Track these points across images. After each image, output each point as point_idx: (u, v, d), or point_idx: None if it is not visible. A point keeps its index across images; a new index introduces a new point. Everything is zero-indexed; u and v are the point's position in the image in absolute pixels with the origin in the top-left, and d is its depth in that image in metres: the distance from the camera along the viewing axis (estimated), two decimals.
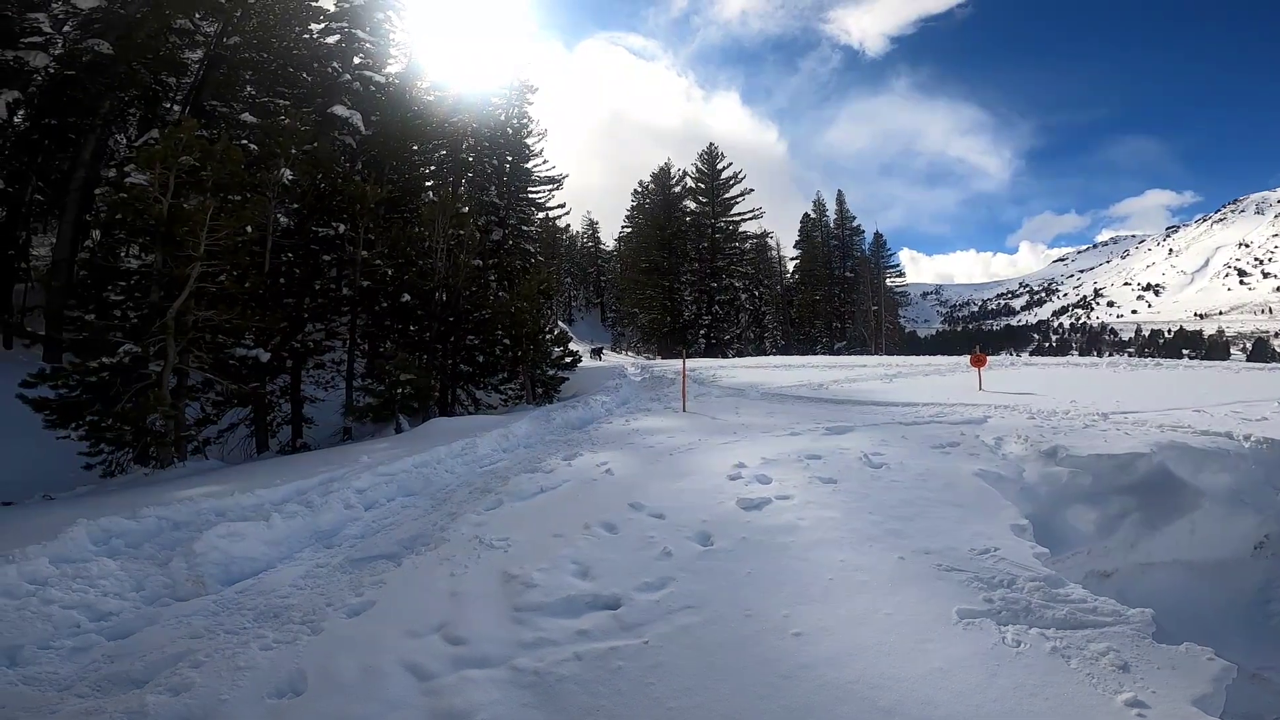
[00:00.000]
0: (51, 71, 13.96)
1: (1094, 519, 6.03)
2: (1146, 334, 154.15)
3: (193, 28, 16.15)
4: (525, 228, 28.48)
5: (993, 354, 19.06)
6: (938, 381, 14.21)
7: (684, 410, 11.64)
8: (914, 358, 22.44)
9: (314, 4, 18.83)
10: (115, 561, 4.63)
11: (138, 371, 9.32)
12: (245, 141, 12.52)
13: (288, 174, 12.79)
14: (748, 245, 46.21)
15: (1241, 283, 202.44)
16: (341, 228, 13.72)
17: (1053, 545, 5.03)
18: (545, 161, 30.69)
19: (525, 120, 29.67)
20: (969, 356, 14.44)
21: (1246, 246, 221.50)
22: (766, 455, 6.69)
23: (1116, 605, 3.55)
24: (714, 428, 9.33)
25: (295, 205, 13.50)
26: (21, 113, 14.03)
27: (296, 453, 12.24)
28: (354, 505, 6.24)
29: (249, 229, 10.88)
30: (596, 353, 33.54)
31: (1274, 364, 19.03)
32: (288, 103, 16.82)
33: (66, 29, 14.36)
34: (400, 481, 7.06)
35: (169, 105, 17.23)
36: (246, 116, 15.24)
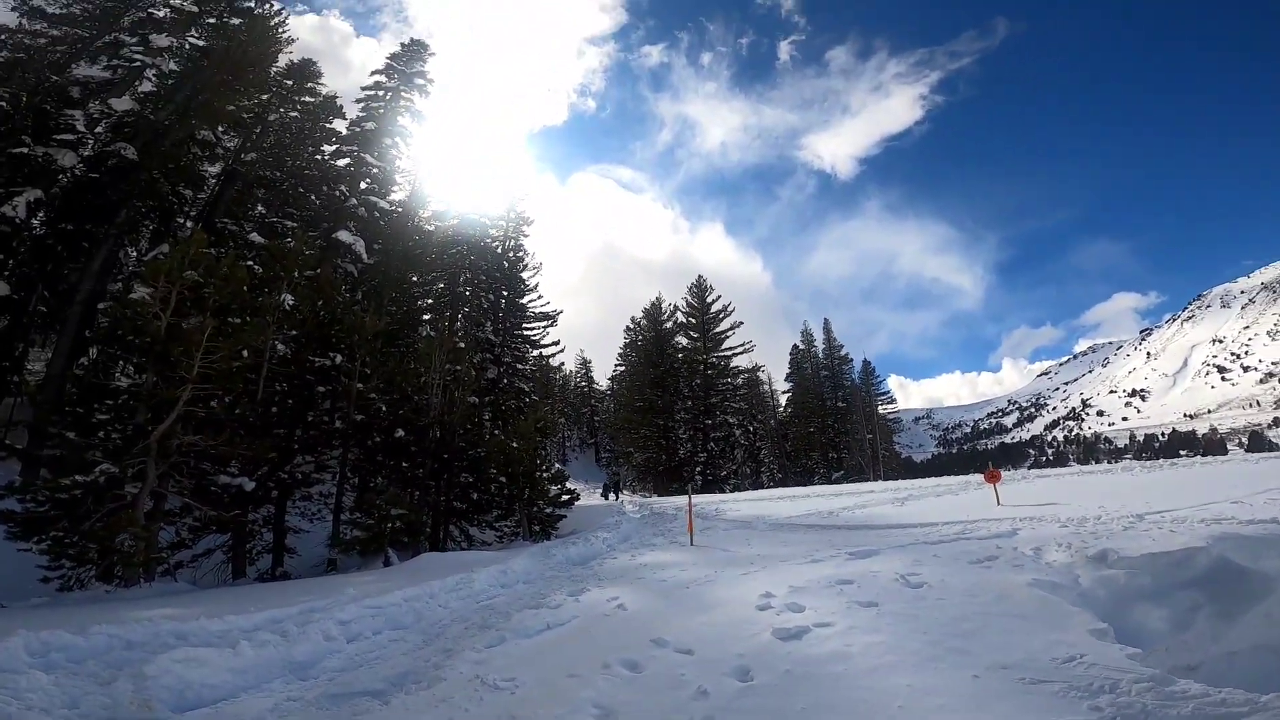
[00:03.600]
0: (77, 173, 13.98)
1: (1164, 616, 5.73)
2: (1141, 439, 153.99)
3: (214, 140, 16.70)
4: (520, 366, 28.17)
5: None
6: (951, 500, 13.77)
7: (692, 544, 10.99)
8: (920, 480, 21.86)
9: (328, 126, 19.82)
10: (49, 675, 4.09)
11: (112, 492, 8.83)
12: (250, 263, 12.50)
13: (289, 299, 12.71)
14: (740, 380, 46.46)
15: (1223, 379, 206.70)
16: (338, 358, 13.50)
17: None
18: (540, 297, 30.30)
19: (521, 253, 29.69)
20: (983, 474, 14.01)
21: (1220, 342, 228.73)
22: (794, 583, 6.16)
23: (1247, 694, 3.17)
24: (727, 560, 8.77)
25: (294, 332, 13.28)
26: (40, 215, 13.91)
27: (276, 580, 11.33)
28: (335, 637, 5.63)
29: (245, 353, 10.64)
30: (612, 490, 30.24)
31: None
32: (295, 224, 17.08)
33: (99, 130, 14.68)
34: (389, 614, 6.45)
35: (182, 220, 17.41)
36: (255, 236, 15.36)
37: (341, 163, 19.19)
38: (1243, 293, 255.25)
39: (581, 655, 4.61)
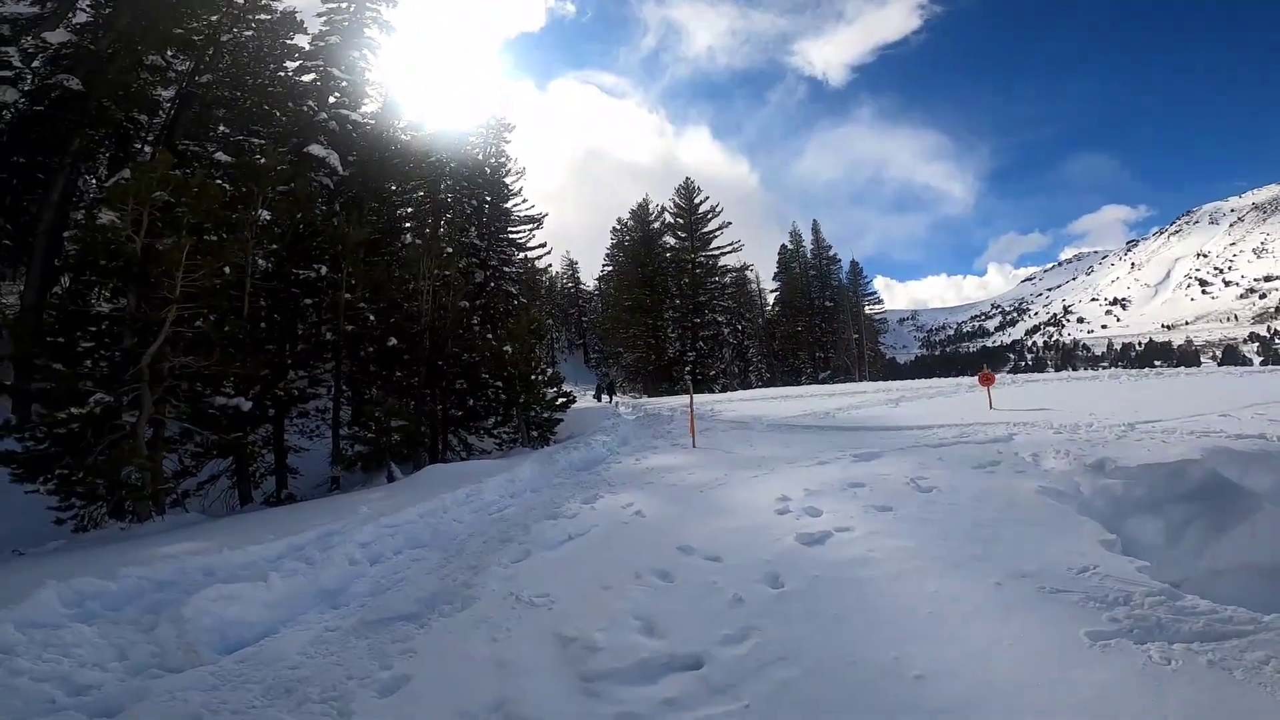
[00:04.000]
0: (21, 107, 13.41)
1: (1159, 529, 5.84)
2: (1118, 348, 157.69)
3: (165, 64, 15.77)
4: (506, 269, 27.98)
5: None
6: (944, 403, 13.96)
7: (694, 446, 11.16)
8: (911, 382, 22.27)
9: (289, 42, 18.62)
10: (91, 627, 4.03)
11: (110, 422, 8.60)
12: (220, 181, 11.97)
13: (265, 215, 12.21)
14: (728, 279, 46.15)
15: (1204, 292, 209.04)
16: (323, 270, 13.11)
17: None
18: (524, 201, 30.15)
19: (503, 159, 29.31)
20: (977, 376, 14.22)
21: (1205, 257, 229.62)
22: (808, 486, 6.27)
23: (1250, 613, 3.33)
24: (734, 462, 8.90)
25: (274, 246, 12.86)
26: None
27: (282, 504, 11.50)
28: (359, 560, 5.67)
29: (227, 270, 10.27)
30: (605, 391, 29.58)
31: (1273, 367, 19.21)
32: (263, 141, 16.36)
33: (36, 64, 13.91)
34: (406, 533, 6.50)
35: (140, 145, 16.70)
36: (221, 155, 14.66)
37: (307, 78, 18.07)
38: (1233, 210, 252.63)
39: (611, 566, 4.70)
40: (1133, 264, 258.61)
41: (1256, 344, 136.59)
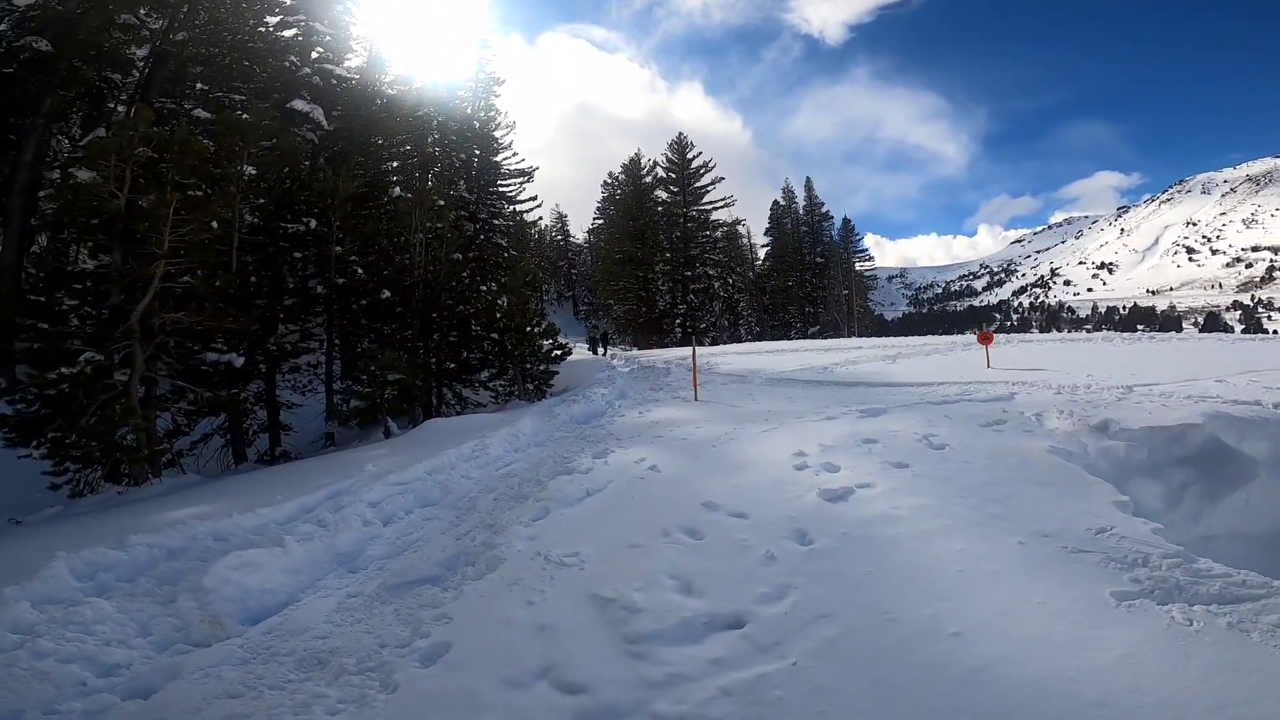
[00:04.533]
0: None
1: (1159, 492, 5.95)
2: (1103, 311, 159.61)
3: (137, 23, 15.29)
4: (496, 222, 27.87)
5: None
6: (941, 361, 14.01)
7: (696, 399, 11.18)
8: (907, 338, 22.39)
9: None
10: (109, 601, 3.88)
11: (102, 381, 8.39)
12: (201, 137, 11.73)
13: (250, 170, 11.99)
14: (719, 234, 45.98)
15: (1191, 259, 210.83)
16: (312, 223, 12.90)
17: None
18: (514, 154, 29.97)
19: (493, 113, 29.02)
20: (976, 335, 14.29)
21: (1194, 225, 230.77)
22: (822, 442, 6.23)
23: (1262, 578, 3.39)
24: (739, 416, 8.87)
25: (261, 201, 12.72)
26: None
27: (277, 462, 11.42)
28: (372, 521, 5.59)
29: (214, 225, 10.03)
30: (600, 343, 29.37)
31: (1262, 335, 19.48)
32: (243, 98, 16.00)
33: (2, 27, 13.61)
34: (416, 491, 6.40)
35: (113, 105, 16.34)
36: (200, 112, 14.44)
37: (288, 33, 17.34)
38: (1226, 181, 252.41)
39: (635, 523, 4.68)
40: (1122, 229, 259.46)
41: (1239, 312, 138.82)
